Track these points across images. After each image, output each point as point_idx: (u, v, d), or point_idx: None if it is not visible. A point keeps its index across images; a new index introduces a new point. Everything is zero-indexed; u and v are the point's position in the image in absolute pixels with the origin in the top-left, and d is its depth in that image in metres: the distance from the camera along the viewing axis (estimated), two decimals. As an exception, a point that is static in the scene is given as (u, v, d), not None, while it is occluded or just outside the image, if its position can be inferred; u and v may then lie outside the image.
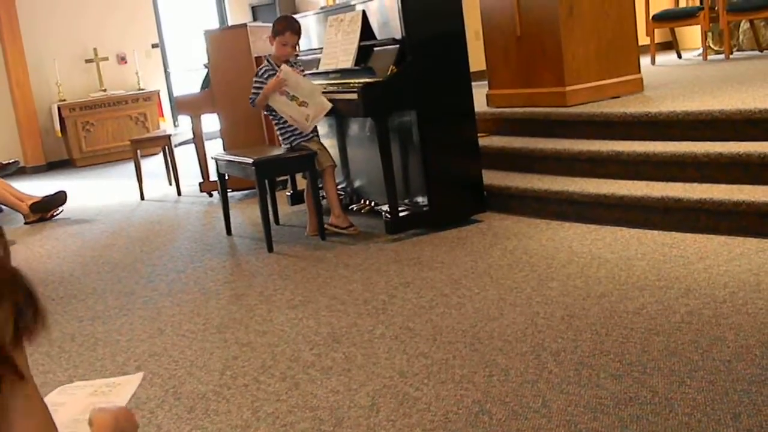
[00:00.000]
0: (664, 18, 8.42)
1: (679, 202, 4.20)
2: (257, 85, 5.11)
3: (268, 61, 5.17)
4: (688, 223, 4.18)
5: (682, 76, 6.86)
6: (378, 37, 4.99)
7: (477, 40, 6.17)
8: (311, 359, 3.20)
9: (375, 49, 4.98)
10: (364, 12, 5.06)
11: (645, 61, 7.88)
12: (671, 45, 9.21)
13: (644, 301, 3.34)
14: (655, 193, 4.34)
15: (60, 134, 10.83)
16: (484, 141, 5.59)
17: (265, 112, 5.39)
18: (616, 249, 4.09)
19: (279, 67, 5.06)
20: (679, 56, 8.86)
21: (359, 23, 5.04)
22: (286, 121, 5.07)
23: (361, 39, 5.03)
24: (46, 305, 1.12)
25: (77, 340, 3.78)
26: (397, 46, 4.76)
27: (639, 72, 5.85)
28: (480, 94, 6.06)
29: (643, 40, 8.12)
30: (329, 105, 4.93)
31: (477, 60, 6.26)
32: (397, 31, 4.79)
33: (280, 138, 5.23)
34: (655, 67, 8.11)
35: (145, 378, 3.21)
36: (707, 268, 3.63)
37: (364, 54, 5.02)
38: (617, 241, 4.23)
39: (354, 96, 4.76)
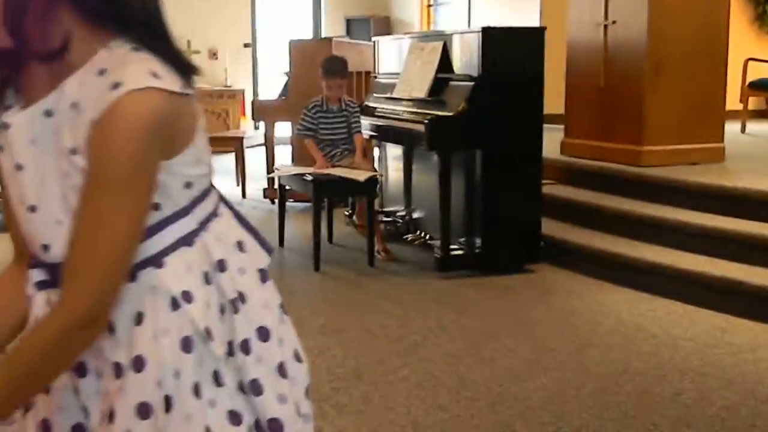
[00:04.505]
0: (762, 86, 8.13)
1: (740, 285, 4.01)
2: (304, 118, 5.26)
3: (321, 99, 5.24)
4: (746, 308, 3.98)
5: (769, 150, 6.60)
6: (456, 71, 4.92)
7: (560, 84, 6.04)
8: (328, 393, 3.13)
9: (451, 82, 4.91)
10: (445, 44, 4.99)
11: (735, 127, 7.61)
12: (766, 114, 8.89)
13: (682, 387, 3.18)
14: (716, 272, 4.15)
15: (143, 120, 11.04)
16: (550, 189, 5.46)
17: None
18: (665, 324, 3.92)
19: (329, 106, 5.22)
20: (773, 127, 8.53)
21: (438, 55, 4.98)
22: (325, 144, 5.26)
23: (439, 71, 4.97)
24: None
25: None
26: (473, 83, 4.68)
27: (722, 140, 5.63)
28: (555, 139, 5.95)
29: (736, 105, 7.89)
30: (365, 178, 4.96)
31: (558, 103, 6.14)
32: (474, 68, 4.71)
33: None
34: (745, 135, 7.82)
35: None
36: (756, 361, 3.44)
37: (439, 86, 4.95)
38: (668, 315, 4.05)
39: (422, 127, 4.69)
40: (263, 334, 1.26)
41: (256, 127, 10.51)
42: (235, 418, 1.21)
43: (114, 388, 1.16)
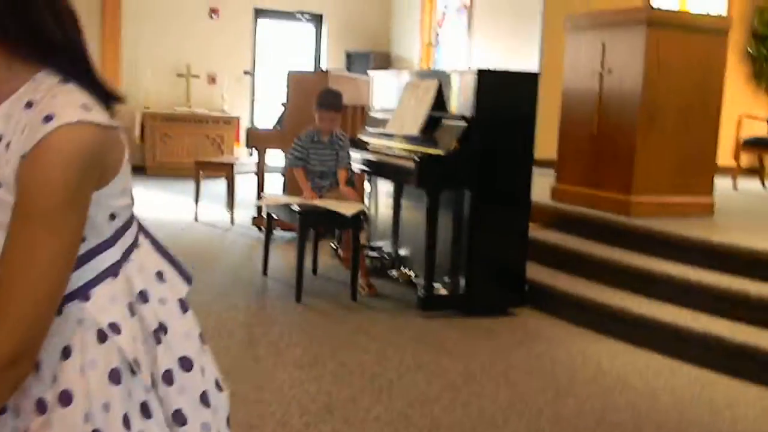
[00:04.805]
0: (756, 144, 8.15)
1: (721, 341, 3.98)
2: (295, 147, 5.28)
3: (314, 130, 5.25)
4: (726, 364, 3.94)
5: (759, 208, 6.61)
6: (449, 110, 4.92)
7: (554, 129, 6.05)
8: (299, 427, 3.07)
9: (444, 121, 4.90)
10: (440, 82, 5.00)
11: (726, 183, 7.63)
12: (758, 171, 8.91)
13: (658, 442, 3.13)
14: (698, 327, 4.12)
15: (139, 141, 11.02)
16: (538, 233, 5.44)
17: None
18: (645, 376, 3.88)
19: (321, 138, 5.24)
20: (764, 185, 8.55)
21: (433, 93, 4.98)
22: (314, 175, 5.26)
23: (433, 109, 4.97)
24: None
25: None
26: (465, 123, 4.67)
27: (712, 195, 5.63)
28: (547, 184, 5.94)
29: (729, 161, 7.91)
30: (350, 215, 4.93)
31: (551, 148, 6.14)
32: (467, 108, 4.71)
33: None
34: (736, 192, 7.82)
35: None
36: (734, 419, 3.39)
37: (432, 124, 4.95)
38: (649, 368, 4.01)
39: (411, 164, 4.68)
40: (186, 364, 1.26)
41: (250, 154, 10.51)
42: None
43: (36, 425, 1.13)
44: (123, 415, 1.16)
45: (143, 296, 1.23)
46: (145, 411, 1.20)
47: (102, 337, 1.17)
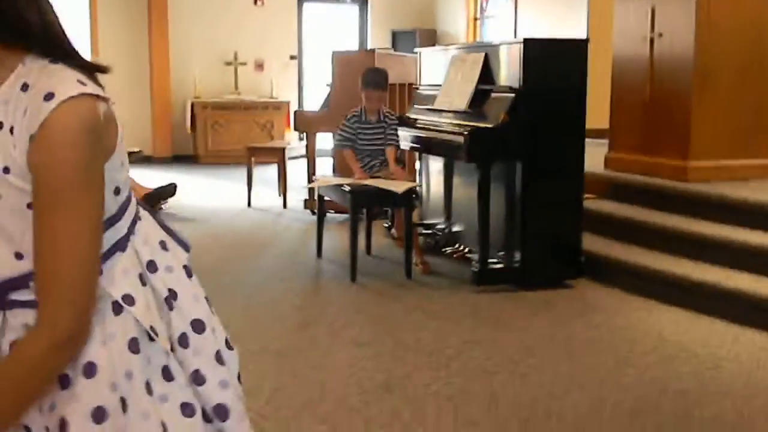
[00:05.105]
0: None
1: (786, 305, 3.88)
2: (343, 128, 5.27)
3: (360, 110, 5.21)
4: (792, 329, 3.85)
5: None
6: (497, 83, 4.86)
7: (606, 98, 5.93)
8: (358, 405, 3.08)
9: (492, 94, 4.85)
10: (486, 55, 4.94)
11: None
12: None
13: (723, 408, 3.07)
14: (762, 291, 4.02)
15: (190, 130, 11.14)
16: (593, 204, 5.36)
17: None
18: (708, 343, 3.80)
19: (368, 117, 5.21)
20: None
21: (480, 67, 4.92)
22: (364, 155, 5.24)
23: (480, 82, 4.91)
24: None
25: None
26: (513, 95, 4.61)
27: (772, 157, 5.48)
28: (599, 153, 5.85)
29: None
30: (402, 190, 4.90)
31: (603, 117, 6.03)
32: (515, 79, 4.65)
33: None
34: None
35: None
36: (803, 385, 3.31)
37: (480, 98, 4.89)
38: (712, 334, 3.93)
39: (461, 139, 4.64)
40: (198, 326, 1.31)
41: (301, 139, 10.54)
42: (187, 409, 1.26)
43: (62, 399, 1.16)
44: (145, 382, 1.21)
45: (152, 266, 1.27)
46: (167, 374, 1.25)
47: (117, 309, 1.20)
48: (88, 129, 1.10)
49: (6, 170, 1.11)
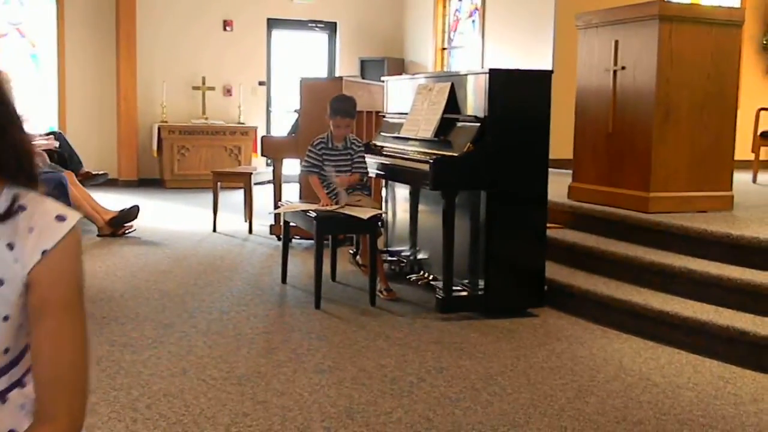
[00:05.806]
0: (773, 136, 8.07)
1: (744, 335, 3.93)
2: (309, 154, 5.28)
3: (327, 136, 5.25)
4: (750, 359, 3.90)
5: (780, 200, 6.52)
6: (463, 112, 4.92)
7: (569, 129, 6.02)
8: (319, 432, 3.07)
9: (457, 123, 4.90)
10: (452, 85, 5.00)
11: (746, 177, 7.58)
12: (778, 164, 8.82)
13: (682, 438, 3.10)
14: (721, 321, 4.08)
15: (156, 154, 11.09)
16: (556, 233, 5.42)
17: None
18: (667, 373, 3.84)
19: (335, 144, 5.24)
20: (785, 178, 8.46)
21: (446, 95, 4.98)
22: (330, 182, 5.24)
23: (446, 111, 4.97)
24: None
25: (102, 365, 3.74)
26: (478, 124, 4.67)
27: (730, 189, 5.58)
28: (563, 183, 5.92)
29: (748, 155, 7.84)
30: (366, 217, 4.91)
31: (567, 148, 6.10)
32: (481, 109, 4.71)
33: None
34: (756, 186, 7.76)
35: (151, 419, 3.14)
36: (759, 413, 3.36)
37: (445, 127, 4.94)
38: (671, 364, 3.97)
39: (426, 167, 4.68)
40: None
41: (268, 164, 10.54)
42: None
43: None
44: None
45: None
46: None
47: None
48: (80, 247, 1.32)
49: (0, 282, 1.26)
